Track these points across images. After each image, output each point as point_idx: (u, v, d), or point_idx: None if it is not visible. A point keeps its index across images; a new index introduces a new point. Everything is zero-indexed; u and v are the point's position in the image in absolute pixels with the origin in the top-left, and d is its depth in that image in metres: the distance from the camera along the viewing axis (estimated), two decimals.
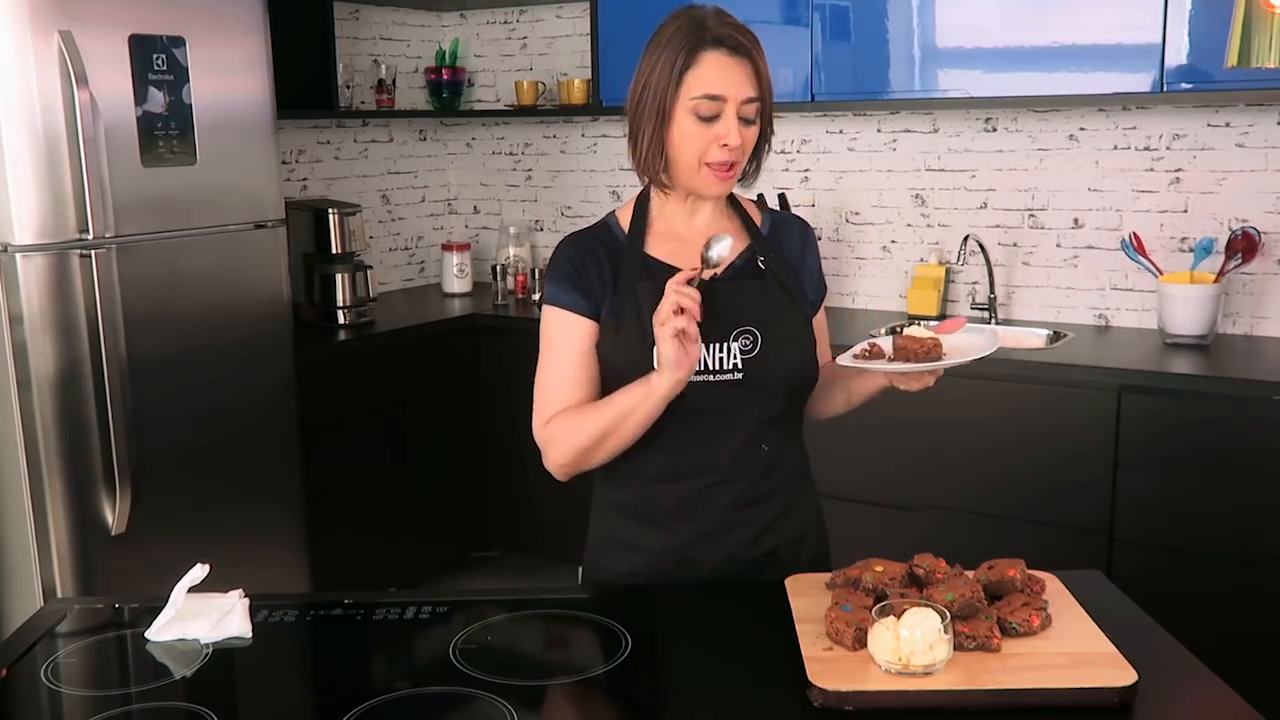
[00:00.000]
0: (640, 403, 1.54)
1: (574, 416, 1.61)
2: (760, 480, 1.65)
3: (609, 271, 1.64)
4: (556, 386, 1.64)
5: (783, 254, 1.71)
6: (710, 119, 1.57)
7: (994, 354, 1.60)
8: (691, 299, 1.47)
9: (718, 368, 1.60)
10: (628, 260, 1.65)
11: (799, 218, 1.81)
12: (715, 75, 1.57)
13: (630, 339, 1.60)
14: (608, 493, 1.74)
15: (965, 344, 1.60)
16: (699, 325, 1.50)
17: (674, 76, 1.58)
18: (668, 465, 1.64)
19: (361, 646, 1.52)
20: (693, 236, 1.66)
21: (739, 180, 1.67)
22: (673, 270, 1.59)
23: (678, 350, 1.48)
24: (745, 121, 1.59)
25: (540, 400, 1.66)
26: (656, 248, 1.67)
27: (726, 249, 1.53)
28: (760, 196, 1.84)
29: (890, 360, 1.58)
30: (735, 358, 1.60)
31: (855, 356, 1.59)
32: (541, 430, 1.65)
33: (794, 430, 1.72)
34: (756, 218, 1.75)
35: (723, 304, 1.60)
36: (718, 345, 1.60)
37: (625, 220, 1.70)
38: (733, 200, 1.74)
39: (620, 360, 1.61)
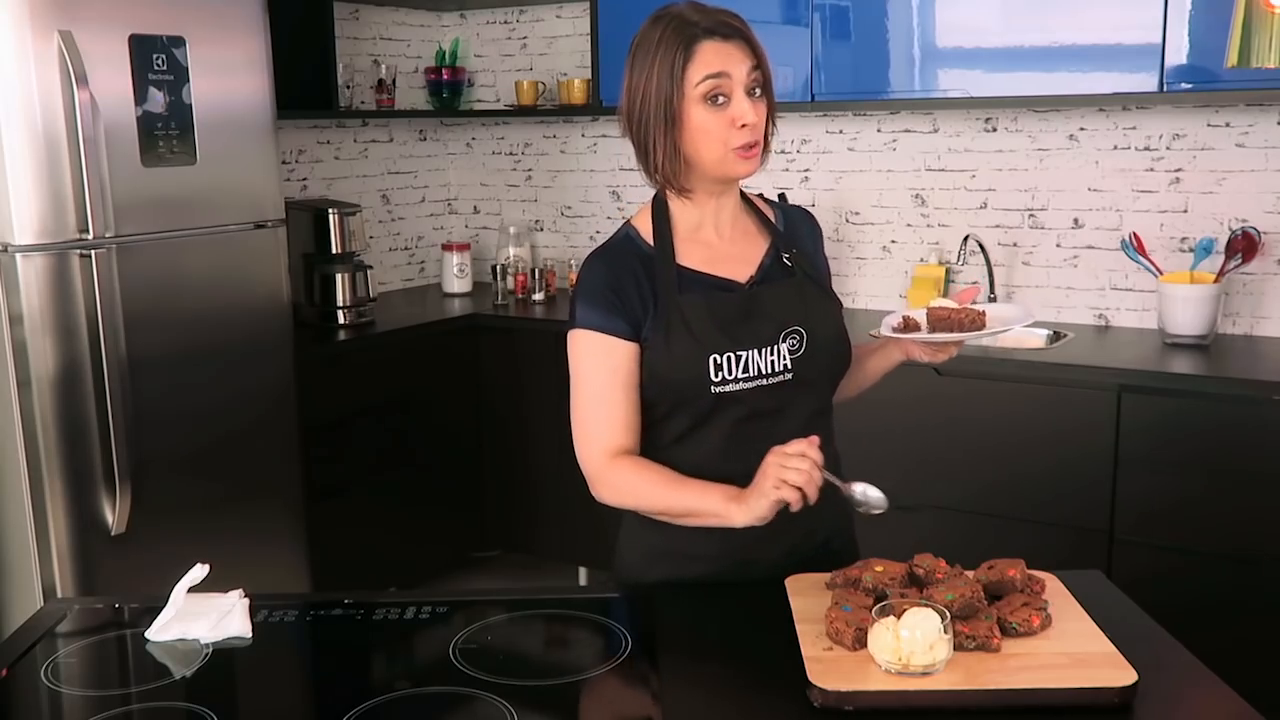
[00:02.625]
0: (710, 516, 1.53)
1: (642, 481, 1.59)
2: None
3: (648, 288, 1.61)
4: (602, 415, 1.61)
5: (802, 247, 1.73)
6: (720, 102, 1.56)
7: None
8: (810, 479, 1.44)
9: (770, 371, 1.60)
10: (663, 274, 1.62)
11: (801, 208, 1.83)
12: (714, 58, 1.57)
13: (683, 351, 1.58)
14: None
15: (998, 314, 1.67)
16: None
17: (675, 77, 1.56)
18: (725, 469, 1.59)
19: (361, 646, 1.52)
20: (720, 240, 1.68)
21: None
22: (710, 279, 1.63)
23: (770, 511, 1.46)
24: (753, 94, 1.59)
25: (584, 429, 1.62)
26: (688, 257, 1.65)
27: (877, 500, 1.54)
28: (760, 195, 1.83)
29: (933, 331, 1.64)
30: (785, 359, 1.61)
31: (894, 329, 1.66)
32: (598, 468, 1.62)
33: (832, 420, 1.75)
34: (769, 213, 1.76)
35: (769, 308, 1.62)
36: (769, 349, 1.60)
37: (645, 229, 1.67)
38: (745, 197, 1.75)
39: (675, 375, 1.59)
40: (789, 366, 1.61)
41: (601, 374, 1.60)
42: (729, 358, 1.58)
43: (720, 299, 1.62)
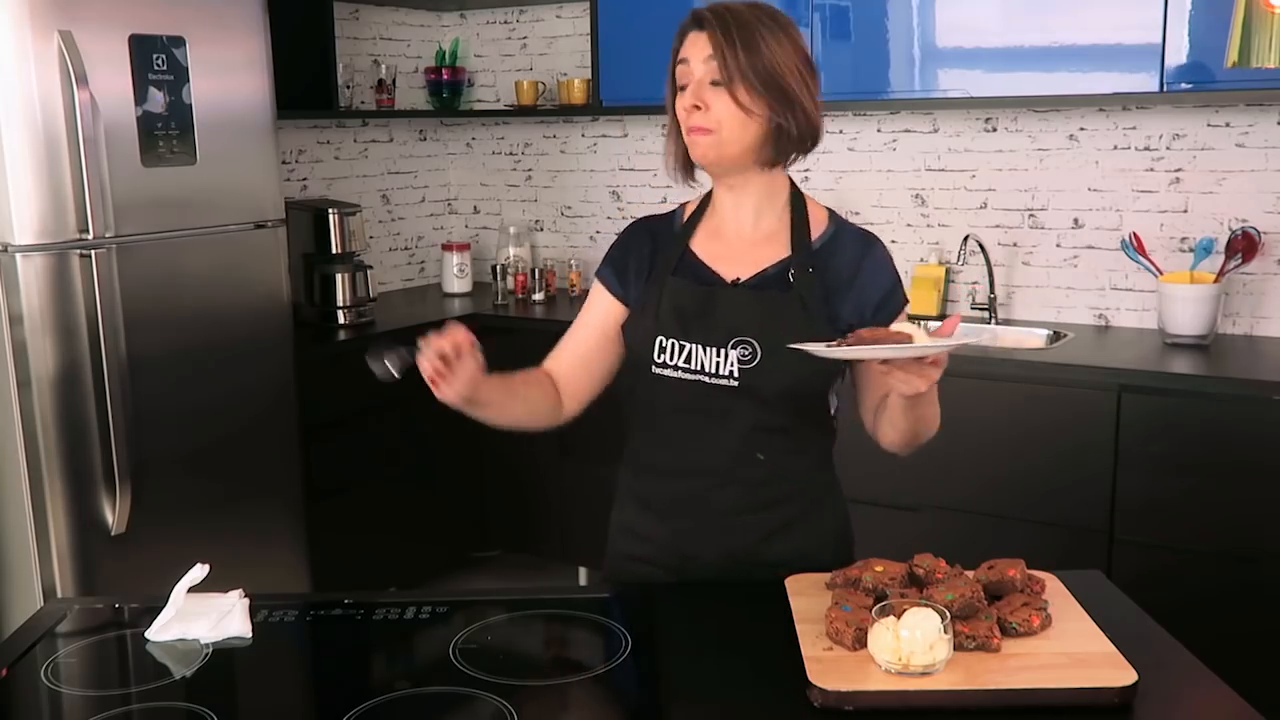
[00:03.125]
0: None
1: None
2: (758, 488, 1.66)
3: (647, 261, 1.72)
4: (564, 341, 1.77)
5: (828, 268, 1.65)
6: (684, 88, 1.61)
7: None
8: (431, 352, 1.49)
9: (714, 371, 1.61)
10: (668, 253, 1.70)
11: (864, 232, 1.71)
12: (688, 46, 1.61)
13: (642, 326, 1.67)
14: (626, 480, 1.77)
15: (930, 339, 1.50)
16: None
17: (669, 66, 1.64)
18: (672, 461, 1.68)
19: (361, 646, 1.52)
20: (739, 237, 1.68)
21: (770, 167, 1.66)
22: (703, 270, 1.67)
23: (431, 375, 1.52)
24: (713, 84, 1.58)
25: (555, 348, 1.78)
26: (702, 245, 1.70)
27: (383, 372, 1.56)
28: (829, 210, 1.78)
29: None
30: (732, 365, 1.61)
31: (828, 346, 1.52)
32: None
33: (803, 445, 1.69)
34: (818, 226, 1.69)
35: (726, 311, 1.62)
36: (715, 350, 1.61)
37: (689, 210, 1.75)
38: (798, 202, 1.70)
39: (631, 345, 1.70)
40: (735, 374, 1.61)
41: (586, 313, 1.77)
42: (674, 344, 1.63)
43: (693, 290, 1.65)
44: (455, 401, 1.56)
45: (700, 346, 1.62)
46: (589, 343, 1.75)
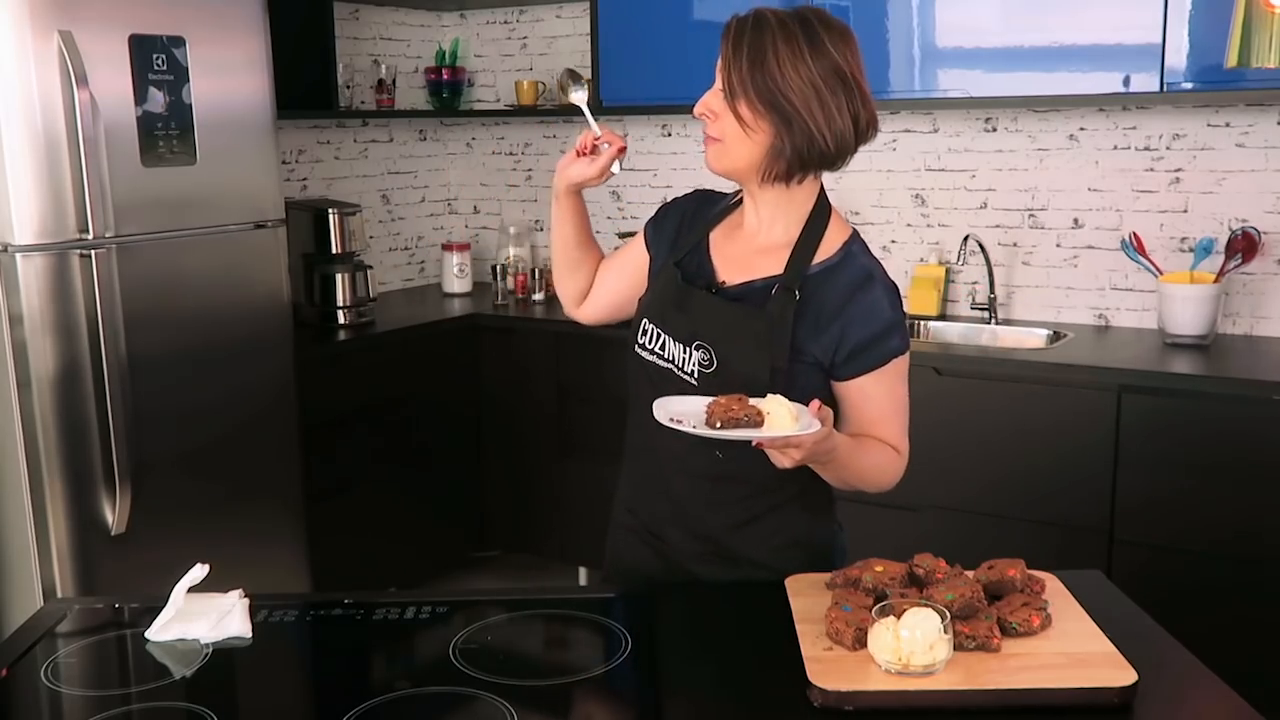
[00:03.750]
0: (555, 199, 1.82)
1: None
2: (716, 484, 1.67)
3: (679, 234, 1.76)
4: (610, 254, 1.90)
5: (814, 297, 1.59)
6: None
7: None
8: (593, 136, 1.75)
9: (679, 365, 1.63)
10: (694, 234, 1.73)
11: (868, 272, 1.61)
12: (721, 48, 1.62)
13: (643, 299, 1.73)
14: (626, 450, 1.81)
15: (779, 422, 1.43)
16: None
17: None
18: (647, 440, 1.70)
19: (361, 646, 1.52)
20: (749, 241, 1.67)
21: (780, 182, 1.60)
22: (707, 262, 1.69)
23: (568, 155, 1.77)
24: (724, 95, 1.58)
25: None
26: (719, 239, 1.72)
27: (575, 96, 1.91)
28: (852, 235, 1.72)
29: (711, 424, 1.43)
30: (694, 365, 1.62)
31: (674, 418, 1.47)
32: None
33: (763, 454, 1.56)
34: (827, 250, 1.62)
35: (695, 313, 1.62)
36: (682, 346, 1.63)
37: (733, 201, 1.77)
38: (818, 220, 1.64)
39: (635, 312, 1.75)
40: (695, 375, 1.61)
41: (625, 247, 1.87)
42: (654, 330, 1.67)
43: (676, 284, 1.67)
44: (578, 177, 1.76)
45: (671, 339, 1.64)
46: (625, 260, 1.84)
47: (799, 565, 1.63)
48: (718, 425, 1.42)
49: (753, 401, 1.43)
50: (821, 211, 1.64)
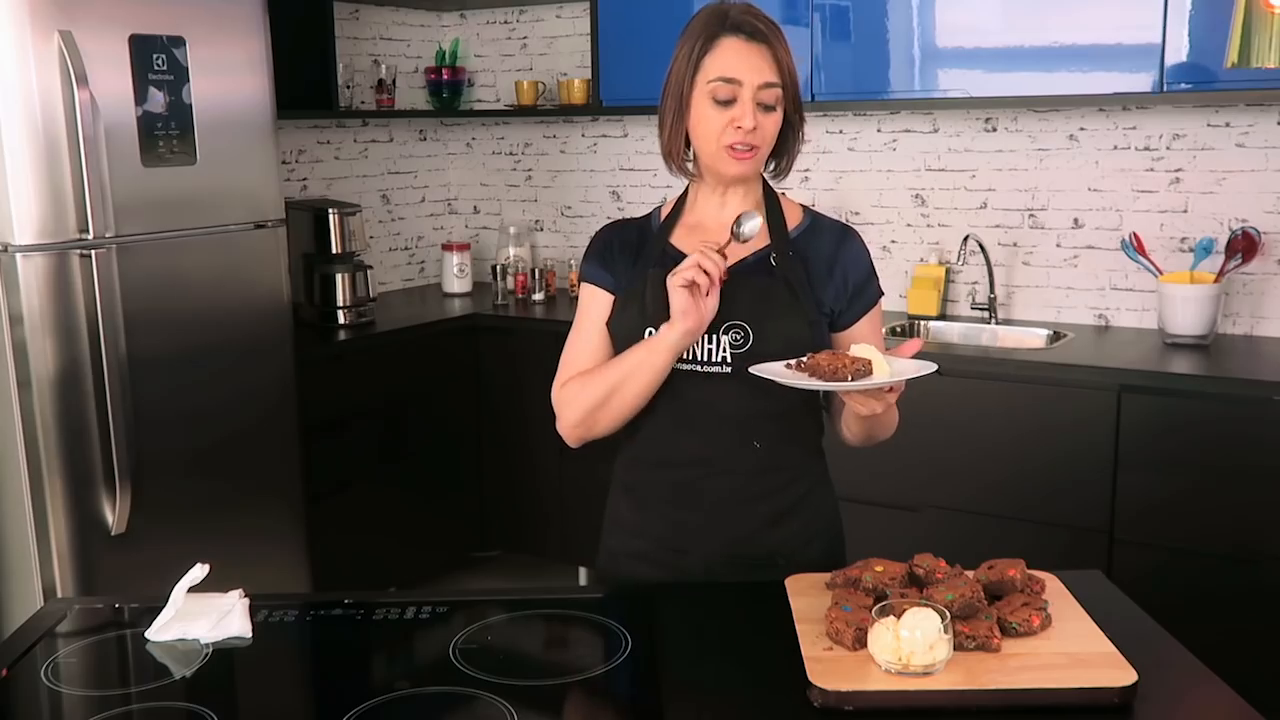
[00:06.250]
0: (647, 355, 1.58)
1: (585, 377, 1.67)
2: (755, 477, 1.66)
3: (633, 254, 1.70)
4: (577, 353, 1.71)
5: (807, 257, 1.67)
6: (727, 104, 1.59)
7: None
8: (713, 261, 1.51)
9: (706, 359, 1.62)
10: (652, 248, 1.70)
11: (841, 224, 1.74)
12: (732, 59, 1.59)
13: (630, 318, 1.66)
14: (620, 474, 1.78)
15: (897, 367, 1.49)
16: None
17: (692, 62, 1.61)
18: (664, 452, 1.68)
19: (361, 646, 1.52)
20: (719, 229, 1.67)
21: (774, 176, 1.72)
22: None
23: (687, 300, 1.52)
24: (765, 108, 1.60)
25: (562, 366, 1.73)
26: (682, 239, 1.70)
27: (756, 227, 1.58)
28: (802, 206, 1.81)
29: (803, 375, 1.47)
30: (724, 350, 1.61)
31: (787, 366, 1.51)
32: (557, 393, 1.71)
33: (798, 432, 1.70)
34: (793, 219, 1.72)
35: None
36: (706, 337, 1.61)
37: (665, 210, 1.76)
38: (772, 199, 1.72)
39: (620, 337, 1.67)
40: (727, 359, 1.61)
41: (587, 319, 1.72)
42: None
43: None
44: (698, 319, 1.55)
45: (714, 302, 1.59)
46: (599, 344, 1.70)
47: (821, 555, 1.69)
48: (849, 379, 1.44)
49: (850, 351, 1.48)
50: (769, 190, 1.72)
